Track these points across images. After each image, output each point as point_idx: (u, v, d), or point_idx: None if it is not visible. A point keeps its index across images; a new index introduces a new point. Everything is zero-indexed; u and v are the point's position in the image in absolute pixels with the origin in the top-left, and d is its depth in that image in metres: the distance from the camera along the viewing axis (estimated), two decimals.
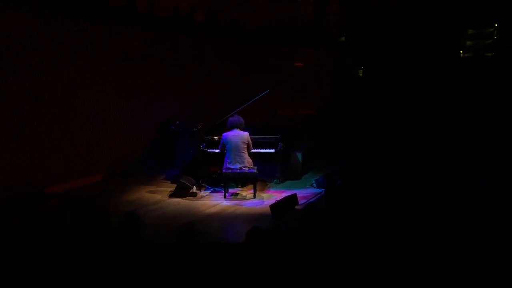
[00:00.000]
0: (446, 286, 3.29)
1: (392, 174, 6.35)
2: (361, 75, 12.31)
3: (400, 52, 11.42)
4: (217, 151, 6.92)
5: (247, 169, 6.52)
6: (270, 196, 6.58)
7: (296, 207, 5.99)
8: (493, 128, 8.26)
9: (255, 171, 6.54)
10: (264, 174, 7.29)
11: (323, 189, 6.51)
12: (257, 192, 6.63)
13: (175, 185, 6.79)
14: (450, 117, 9.29)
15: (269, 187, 7.07)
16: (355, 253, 3.42)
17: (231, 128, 6.65)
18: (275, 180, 7.23)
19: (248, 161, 6.56)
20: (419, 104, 10.15)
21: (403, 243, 3.74)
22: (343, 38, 12.11)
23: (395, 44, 11.47)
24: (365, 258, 3.40)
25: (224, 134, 6.65)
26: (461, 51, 11.48)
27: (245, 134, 6.61)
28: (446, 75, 10.76)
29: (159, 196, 6.68)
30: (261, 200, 6.50)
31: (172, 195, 6.63)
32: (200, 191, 6.86)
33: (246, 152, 6.58)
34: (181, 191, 6.60)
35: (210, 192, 6.88)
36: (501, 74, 10.13)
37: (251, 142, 6.65)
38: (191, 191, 6.66)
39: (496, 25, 11.09)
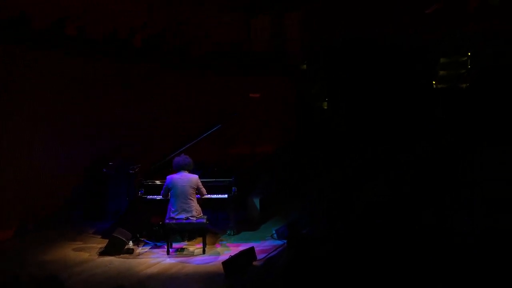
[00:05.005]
0: None
1: (366, 218, 6.48)
2: (325, 107, 12.67)
3: (367, 82, 11.90)
4: (158, 197, 6.81)
5: (195, 219, 6.42)
6: (223, 251, 6.53)
7: (254, 263, 5.96)
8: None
9: (204, 221, 6.46)
10: (215, 224, 7.26)
11: (285, 241, 6.52)
12: (207, 246, 6.55)
13: (106, 240, 6.62)
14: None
15: (221, 240, 7.01)
16: None
17: (177, 170, 6.57)
18: (228, 232, 7.19)
19: (196, 209, 6.47)
20: (389, 140, 10.54)
21: None
22: (304, 66, 12.51)
23: (363, 72, 11.96)
24: None
25: (168, 176, 6.56)
26: (434, 82, 12.14)
27: (194, 178, 6.54)
28: (419, 107, 11.29)
29: (87, 254, 6.51)
30: (212, 256, 6.42)
31: (103, 252, 6.47)
32: (138, 247, 6.73)
33: (195, 199, 6.50)
34: (114, 248, 6.45)
35: (150, 248, 6.75)
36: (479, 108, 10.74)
37: (202, 186, 6.58)
38: (126, 247, 6.51)
39: (469, 53, 11.88)
